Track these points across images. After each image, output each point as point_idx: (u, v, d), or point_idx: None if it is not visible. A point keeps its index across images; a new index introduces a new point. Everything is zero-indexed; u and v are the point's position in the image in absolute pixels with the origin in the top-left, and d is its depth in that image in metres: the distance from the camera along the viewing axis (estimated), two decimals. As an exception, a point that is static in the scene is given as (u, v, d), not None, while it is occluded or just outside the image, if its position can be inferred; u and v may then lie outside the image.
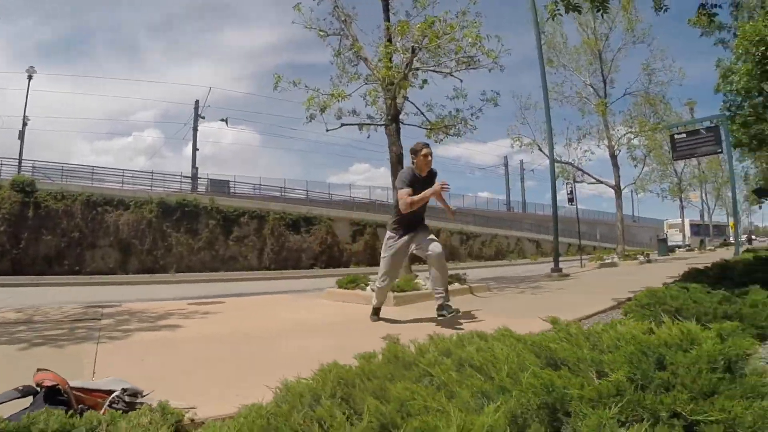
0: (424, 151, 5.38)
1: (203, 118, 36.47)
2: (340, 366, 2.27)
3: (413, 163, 5.47)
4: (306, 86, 9.88)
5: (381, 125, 10.05)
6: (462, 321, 5.27)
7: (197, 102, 36.46)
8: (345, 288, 8.13)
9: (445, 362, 2.20)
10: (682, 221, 45.12)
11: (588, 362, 1.82)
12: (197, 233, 27.24)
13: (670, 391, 1.57)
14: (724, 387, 1.64)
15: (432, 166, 5.49)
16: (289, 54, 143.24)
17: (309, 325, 5.64)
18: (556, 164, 19.59)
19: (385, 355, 2.45)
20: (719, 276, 6.21)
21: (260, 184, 36.64)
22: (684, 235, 45.32)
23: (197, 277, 21.97)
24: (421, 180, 5.36)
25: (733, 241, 35.77)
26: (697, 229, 49.02)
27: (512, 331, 2.62)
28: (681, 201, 40.39)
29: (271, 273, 25.43)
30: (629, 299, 5.41)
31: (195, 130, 36.26)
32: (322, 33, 10.35)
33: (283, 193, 36.47)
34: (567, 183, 21.72)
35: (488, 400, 1.70)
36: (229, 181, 35.98)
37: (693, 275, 6.70)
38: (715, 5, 7.59)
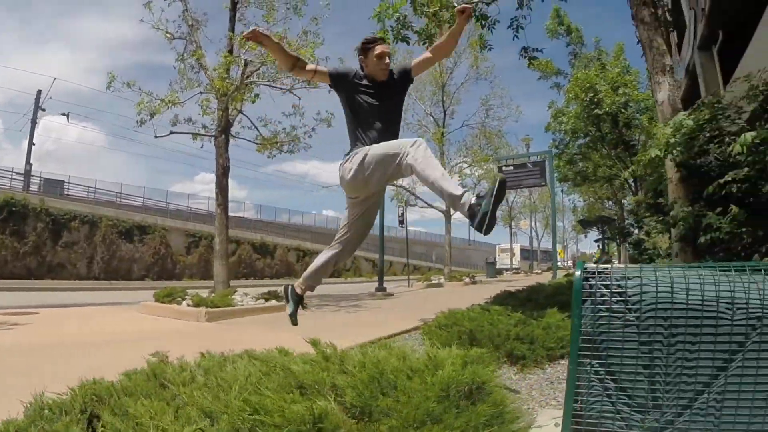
0: (379, 49, 3.20)
1: (44, 110, 32.70)
2: (99, 382, 2.25)
3: (362, 67, 3.29)
4: (140, 89, 9.53)
5: (210, 136, 9.79)
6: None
7: (39, 92, 32.64)
8: (161, 302, 7.76)
9: (197, 380, 2.19)
10: (511, 246, 49.17)
11: (328, 385, 1.80)
12: (24, 236, 24.11)
13: (389, 418, 1.58)
14: (449, 415, 1.68)
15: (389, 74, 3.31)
16: (147, 52, 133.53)
17: (113, 340, 5.52)
18: (390, 187, 20.46)
19: (145, 372, 2.42)
20: (526, 298, 6.69)
21: (95, 188, 33.47)
22: (512, 259, 49.26)
23: (20, 285, 19.64)
24: (372, 85, 3.22)
25: (560, 266, 39.59)
26: (527, 253, 53.75)
27: (287, 351, 2.57)
28: (511, 228, 43.92)
29: (99, 283, 23.67)
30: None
31: (33, 123, 32.09)
32: (168, 35, 9.97)
33: (118, 199, 33.58)
34: (399, 206, 22.60)
35: (211, 419, 1.71)
36: (63, 181, 32.51)
37: (503, 297, 7.13)
38: (536, 49, 8.57)
